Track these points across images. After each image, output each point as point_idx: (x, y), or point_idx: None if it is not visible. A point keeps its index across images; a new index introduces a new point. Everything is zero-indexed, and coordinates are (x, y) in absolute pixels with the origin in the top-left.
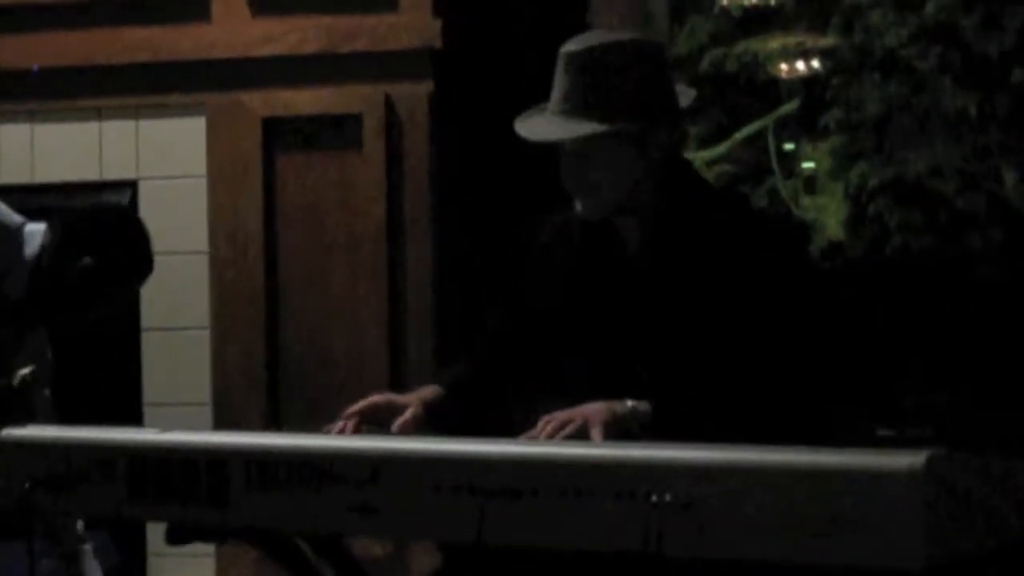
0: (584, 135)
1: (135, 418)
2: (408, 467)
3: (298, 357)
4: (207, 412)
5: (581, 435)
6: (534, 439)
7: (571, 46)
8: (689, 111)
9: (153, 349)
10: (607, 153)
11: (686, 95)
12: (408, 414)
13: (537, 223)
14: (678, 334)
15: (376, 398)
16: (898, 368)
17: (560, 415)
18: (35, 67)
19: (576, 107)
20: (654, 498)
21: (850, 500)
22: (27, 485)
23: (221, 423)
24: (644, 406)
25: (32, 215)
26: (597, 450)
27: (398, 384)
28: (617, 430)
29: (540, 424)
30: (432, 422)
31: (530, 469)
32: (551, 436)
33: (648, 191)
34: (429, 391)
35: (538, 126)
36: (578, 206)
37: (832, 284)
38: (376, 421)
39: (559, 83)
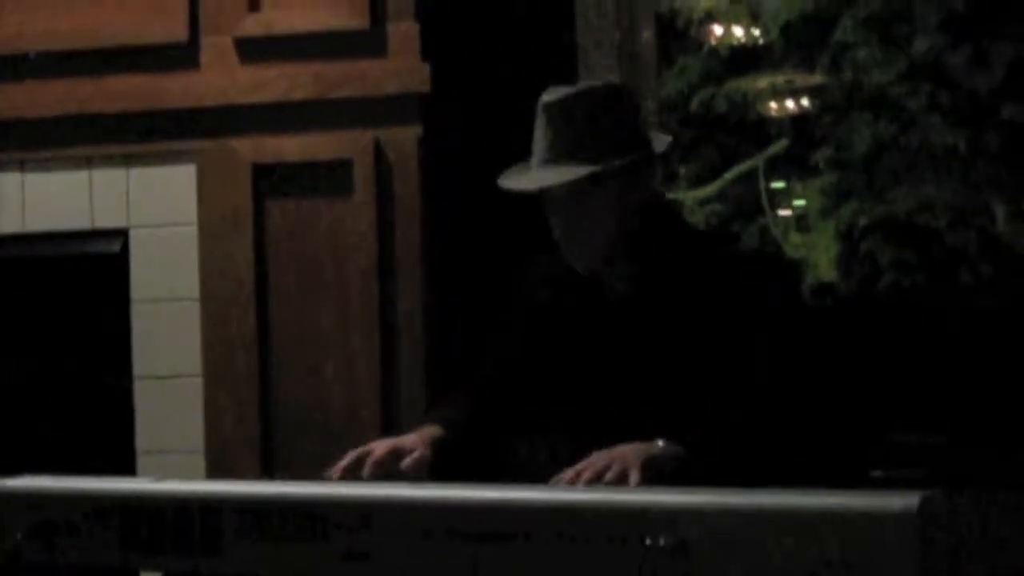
0: (572, 179)
1: (128, 467)
2: (400, 513)
3: (291, 403)
4: (200, 460)
5: (620, 480)
6: (573, 485)
7: (547, 97)
8: (680, 151)
9: (146, 397)
10: (594, 198)
11: (660, 140)
12: (417, 454)
13: (528, 265)
14: (674, 374)
15: (379, 452)
16: (891, 407)
17: (596, 460)
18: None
19: (561, 154)
20: (647, 542)
21: (843, 542)
22: (19, 536)
23: (214, 471)
24: (674, 447)
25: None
26: (589, 495)
27: (391, 427)
28: (652, 474)
29: (576, 470)
30: (438, 462)
31: (522, 514)
32: (590, 482)
33: (633, 236)
34: (431, 431)
35: (524, 177)
36: (567, 257)
37: (823, 322)
38: (384, 475)
39: (540, 135)
